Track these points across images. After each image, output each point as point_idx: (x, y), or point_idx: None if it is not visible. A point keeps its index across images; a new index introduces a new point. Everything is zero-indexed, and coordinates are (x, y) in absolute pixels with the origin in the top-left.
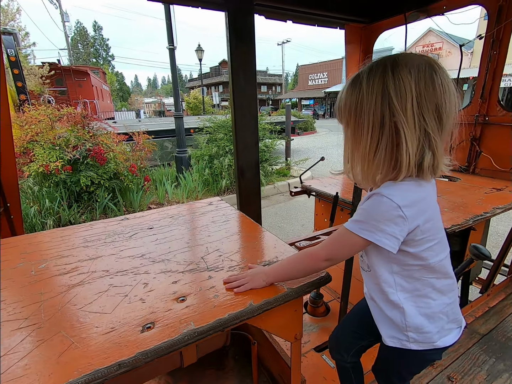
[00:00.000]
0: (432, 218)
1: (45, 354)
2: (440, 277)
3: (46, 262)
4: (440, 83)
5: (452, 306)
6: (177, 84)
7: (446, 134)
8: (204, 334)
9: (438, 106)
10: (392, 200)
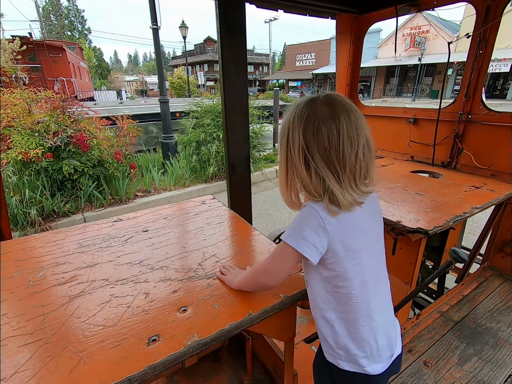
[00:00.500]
0: (352, 239)
1: (55, 371)
2: (362, 301)
3: (42, 270)
4: (337, 131)
5: (378, 332)
6: (161, 67)
7: (349, 172)
8: (207, 345)
9: (331, 152)
10: (316, 210)
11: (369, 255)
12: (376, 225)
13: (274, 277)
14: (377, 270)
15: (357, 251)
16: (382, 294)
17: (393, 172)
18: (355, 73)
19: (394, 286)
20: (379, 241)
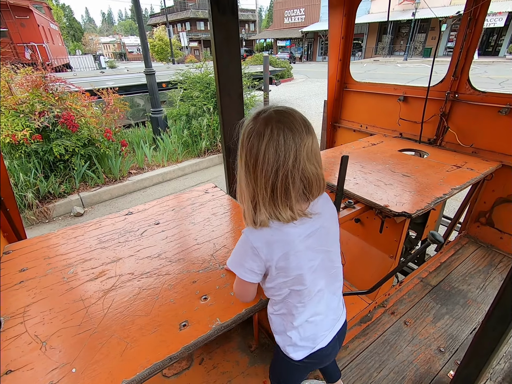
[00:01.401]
0: (287, 257)
1: (108, 355)
2: (294, 306)
3: (72, 267)
4: (258, 149)
5: (303, 328)
6: (145, 36)
7: (276, 192)
8: (228, 327)
9: (257, 170)
10: (249, 239)
11: (308, 269)
12: (323, 236)
13: (245, 298)
14: (317, 280)
15: (290, 269)
16: (319, 299)
17: (382, 152)
18: (347, 47)
19: (381, 260)
20: (326, 250)
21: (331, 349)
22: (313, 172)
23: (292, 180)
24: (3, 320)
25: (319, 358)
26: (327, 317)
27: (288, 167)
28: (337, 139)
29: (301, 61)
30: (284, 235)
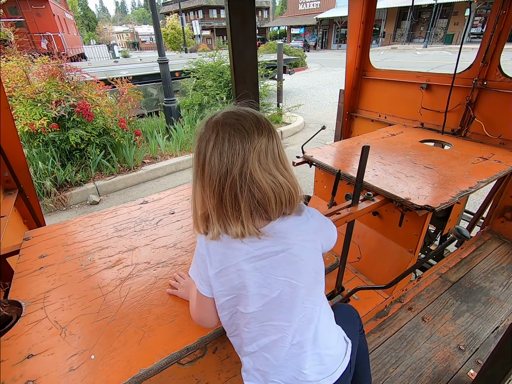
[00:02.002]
0: (228, 273)
1: (126, 343)
2: (242, 330)
3: (89, 254)
4: (204, 155)
5: (256, 357)
6: (158, 24)
7: (212, 196)
8: None
9: (205, 177)
10: (200, 246)
11: (256, 294)
12: (285, 265)
13: (206, 322)
14: (272, 315)
15: (231, 288)
16: (270, 334)
17: (402, 143)
18: (367, 33)
19: (399, 254)
20: (291, 283)
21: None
22: (268, 181)
23: (241, 190)
24: (24, 305)
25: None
26: (286, 368)
27: (235, 175)
28: (353, 129)
29: (315, 49)
30: (229, 249)
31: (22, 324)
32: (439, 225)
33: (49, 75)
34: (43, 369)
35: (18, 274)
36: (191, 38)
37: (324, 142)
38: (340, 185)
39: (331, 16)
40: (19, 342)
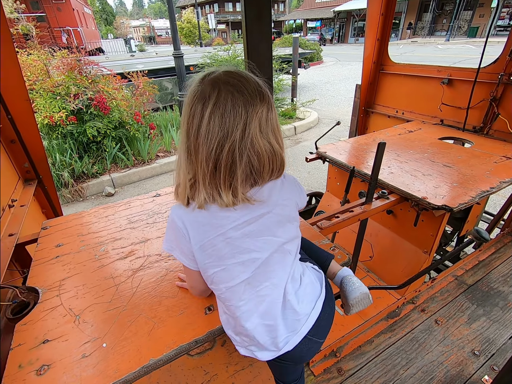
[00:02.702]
0: (215, 244)
1: (137, 333)
2: (232, 305)
3: (103, 245)
4: (200, 115)
5: (257, 332)
6: (174, 18)
7: (205, 162)
8: None
9: (191, 138)
10: (175, 217)
11: (243, 261)
12: (271, 224)
13: (196, 288)
14: (261, 274)
15: (220, 258)
16: (266, 297)
17: (420, 140)
18: (386, 26)
19: (413, 254)
20: (272, 241)
21: (304, 349)
22: (267, 149)
23: (240, 155)
24: (41, 292)
25: (290, 359)
26: (286, 319)
27: (236, 139)
28: (369, 125)
29: (331, 43)
30: (215, 218)
31: (39, 310)
32: (457, 226)
33: (68, 68)
34: (58, 355)
35: (36, 262)
36: (206, 32)
37: (339, 138)
38: (354, 182)
39: (349, 8)
40: (36, 328)
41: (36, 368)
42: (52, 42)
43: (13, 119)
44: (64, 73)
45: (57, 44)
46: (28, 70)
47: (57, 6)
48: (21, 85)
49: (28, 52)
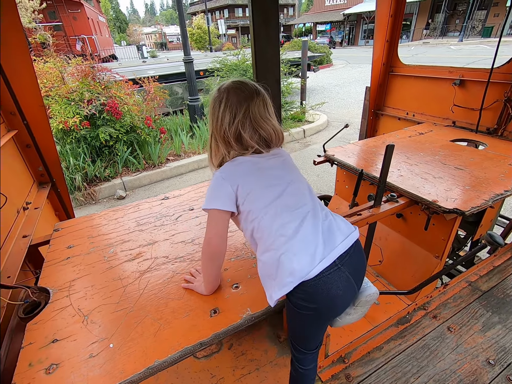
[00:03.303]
0: (249, 183)
1: (143, 334)
2: (265, 242)
3: (112, 247)
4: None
5: (277, 265)
6: (184, 24)
7: (225, 134)
8: (259, 318)
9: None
10: (216, 173)
11: (272, 189)
12: (284, 166)
13: (214, 238)
14: (286, 200)
15: (259, 194)
16: (292, 222)
17: (431, 142)
18: (396, 27)
19: (424, 259)
20: (286, 181)
21: (338, 281)
22: (269, 124)
23: (242, 126)
24: (52, 292)
25: (323, 301)
26: (317, 246)
27: (239, 117)
28: (379, 128)
29: (341, 46)
30: (241, 164)
31: (49, 310)
32: (470, 230)
33: (82, 75)
34: (66, 354)
35: (48, 263)
36: (216, 37)
37: (348, 141)
38: (362, 185)
39: (359, 11)
40: (46, 327)
41: (46, 366)
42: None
43: (28, 124)
44: (78, 80)
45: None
46: (44, 77)
47: (73, 16)
48: (36, 92)
49: (44, 60)
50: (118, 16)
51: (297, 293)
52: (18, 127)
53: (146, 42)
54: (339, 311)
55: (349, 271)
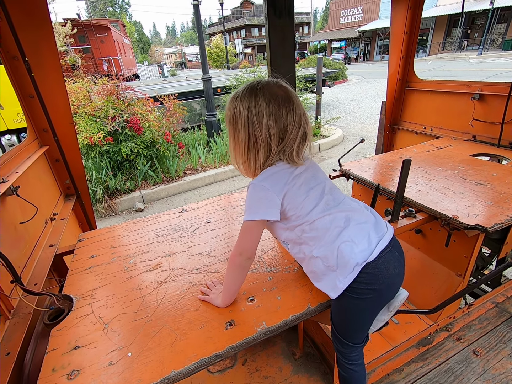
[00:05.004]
0: (292, 189)
1: (160, 344)
2: (321, 238)
3: (132, 257)
4: (287, 111)
5: (340, 252)
6: (203, 44)
7: (287, 143)
8: (274, 332)
9: (283, 127)
10: (257, 183)
11: (314, 191)
12: (312, 168)
13: (246, 252)
14: (328, 198)
15: (298, 196)
16: (341, 213)
17: (450, 157)
18: (411, 44)
19: (446, 277)
20: (322, 181)
21: (392, 262)
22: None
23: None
24: (75, 300)
25: (377, 278)
26: (370, 231)
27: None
28: (396, 142)
29: (356, 62)
30: (280, 171)
31: (72, 317)
32: (495, 248)
33: (107, 94)
34: (87, 361)
35: (72, 272)
36: (233, 55)
37: (365, 155)
38: (379, 200)
39: (374, 27)
40: (69, 334)
41: (68, 372)
42: (95, 70)
43: (58, 140)
44: (103, 98)
45: (99, 72)
46: (73, 96)
47: (101, 39)
48: (67, 110)
49: (74, 80)
50: (142, 38)
51: (359, 278)
52: (49, 143)
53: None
54: (395, 291)
55: (398, 253)
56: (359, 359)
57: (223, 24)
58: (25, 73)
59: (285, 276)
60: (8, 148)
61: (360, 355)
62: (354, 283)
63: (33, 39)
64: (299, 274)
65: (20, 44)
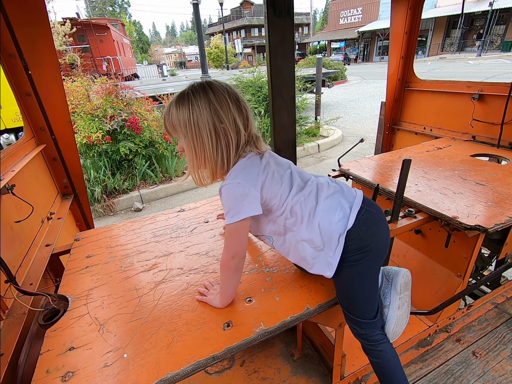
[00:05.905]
0: (266, 180)
1: (157, 345)
2: (301, 221)
3: (129, 257)
4: (239, 97)
5: (319, 232)
6: (202, 45)
7: (251, 128)
8: (272, 333)
9: (245, 112)
10: (230, 182)
11: (286, 177)
12: (276, 158)
13: (238, 255)
14: (298, 180)
15: (277, 180)
16: (311, 192)
17: (450, 157)
18: (411, 44)
19: (446, 278)
20: (288, 166)
21: (370, 223)
22: None
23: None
24: (70, 300)
25: (364, 240)
26: (340, 200)
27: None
28: (395, 142)
29: (356, 62)
30: (248, 160)
31: (67, 318)
32: (495, 249)
33: (106, 93)
34: (82, 362)
35: (68, 271)
36: (233, 56)
37: (364, 155)
38: (379, 200)
39: (374, 28)
40: (64, 334)
41: (62, 374)
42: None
43: (56, 139)
44: (102, 97)
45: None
46: (71, 95)
47: (100, 39)
48: (64, 109)
49: (72, 79)
50: (141, 38)
51: (348, 246)
52: (46, 142)
53: (166, 61)
54: (386, 243)
55: (375, 209)
56: (383, 338)
57: (222, 24)
58: (22, 71)
59: (284, 276)
60: None
61: (381, 334)
62: (345, 253)
63: (30, 37)
64: (298, 274)
65: (17, 42)
